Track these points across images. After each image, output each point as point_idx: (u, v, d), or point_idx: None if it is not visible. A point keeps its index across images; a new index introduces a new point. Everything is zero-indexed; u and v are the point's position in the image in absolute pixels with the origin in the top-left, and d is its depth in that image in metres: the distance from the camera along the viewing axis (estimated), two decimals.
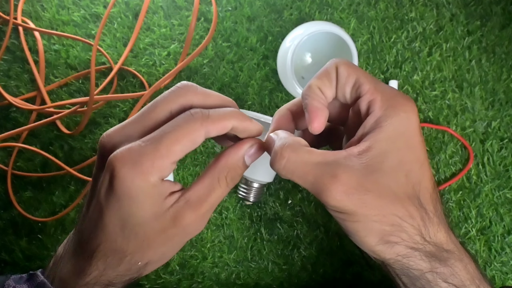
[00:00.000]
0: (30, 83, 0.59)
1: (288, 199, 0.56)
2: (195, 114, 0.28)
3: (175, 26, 0.60)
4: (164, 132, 0.27)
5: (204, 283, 0.55)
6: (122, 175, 0.26)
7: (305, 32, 0.50)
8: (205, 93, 0.30)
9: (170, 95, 0.29)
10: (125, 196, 0.27)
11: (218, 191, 0.30)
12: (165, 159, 0.27)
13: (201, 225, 0.30)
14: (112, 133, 0.29)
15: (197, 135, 0.28)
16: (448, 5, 0.60)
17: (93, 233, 0.29)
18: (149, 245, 0.30)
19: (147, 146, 0.27)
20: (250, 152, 0.30)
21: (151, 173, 0.27)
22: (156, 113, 0.29)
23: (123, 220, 0.28)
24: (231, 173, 0.30)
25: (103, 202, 0.28)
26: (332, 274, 0.55)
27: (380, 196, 0.28)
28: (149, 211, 0.28)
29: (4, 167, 0.56)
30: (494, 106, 0.58)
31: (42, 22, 0.60)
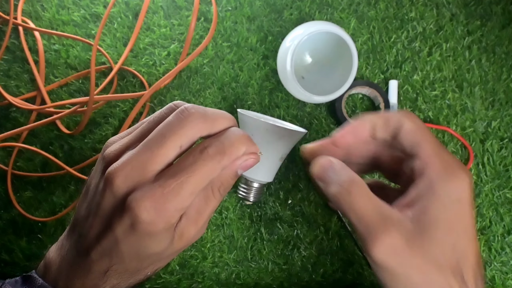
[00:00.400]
0: (30, 83, 0.59)
1: (288, 199, 0.56)
2: (213, 154, 0.28)
3: (175, 26, 0.60)
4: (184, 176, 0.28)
5: (204, 283, 0.55)
6: (145, 220, 0.27)
7: (305, 32, 0.50)
8: (212, 120, 0.30)
9: (179, 129, 0.28)
10: (146, 236, 0.28)
11: (213, 203, 0.31)
12: (187, 201, 0.28)
13: (202, 232, 0.33)
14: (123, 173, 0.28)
15: (215, 173, 0.29)
16: (448, 5, 0.60)
17: (107, 255, 0.30)
18: (160, 261, 0.33)
19: (170, 194, 0.27)
20: (244, 165, 0.31)
21: (174, 216, 0.28)
22: (166, 149, 0.28)
23: (140, 251, 0.29)
24: (224, 185, 0.31)
25: (120, 237, 0.29)
26: (332, 274, 0.55)
27: (425, 262, 0.28)
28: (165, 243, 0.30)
29: (4, 167, 0.56)
30: (494, 106, 0.58)
31: (42, 22, 0.60)
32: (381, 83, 0.59)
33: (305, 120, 0.58)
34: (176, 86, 0.58)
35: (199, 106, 0.30)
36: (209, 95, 0.58)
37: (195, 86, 0.58)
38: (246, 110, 0.55)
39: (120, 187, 0.28)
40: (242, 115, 0.50)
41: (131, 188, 0.28)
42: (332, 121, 0.58)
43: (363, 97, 0.59)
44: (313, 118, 0.58)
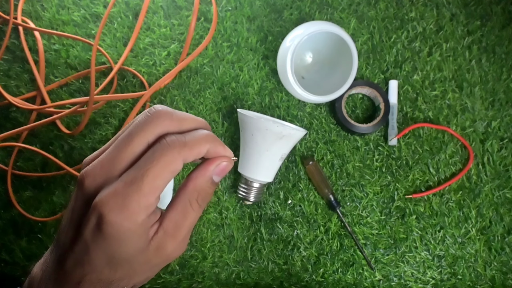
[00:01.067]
0: (30, 83, 0.59)
1: (288, 199, 0.56)
2: (172, 143, 0.28)
3: (175, 26, 0.60)
4: (143, 169, 0.27)
5: (204, 283, 0.55)
6: (110, 220, 0.27)
7: (305, 32, 0.50)
8: (180, 118, 0.30)
9: (146, 125, 0.29)
10: (113, 238, 0.27)
11: (192, 215, 0.30)
12: (149, 196, 0.27)
13: (183, 248, 0.31)
14: (92, 172, 0.28)
15: (176, 164, 0.28)
16: (448, 5, 0.60)
17: (79, 264, 0.29)
18: (135, 273, 0.31)
19: (131, 188, 0.27)
20: (217, 171, 0.30)
21: (139, 214, 0.27)
22: (133, 146, 0.28)
23: (110, 256, 0.28)
24: (201, 195, 0.30)
25: (90, 241, 0.28)
26: (332, 274, 0.55)
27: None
28: (135, 247, 0.29)
29: (4, 167, 0.56)
30: (494, 106, 0.58)
31: (42, 22, 0.60)
32: (381, 83, 0.59)
33: (305, 120, 0.58)
34: (176, 86, 0.58)
35: (169, 108, 0.30)
36: (209, 95, 0.58)
37: (195, 86, 0.58)
38: (246, 110, 0.55)
39: (89, 187, 0.28)
40: (242, 115, 0.50)
41: (99, 187, 0.28)
42: (332, 121, 0.58)
43: (363, 97, 0.59)
44: (313, 118, 0.58)
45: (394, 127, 0.57)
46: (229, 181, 0.56)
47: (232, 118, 0.58)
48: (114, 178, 0.28)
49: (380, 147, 0.57)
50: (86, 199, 0.28)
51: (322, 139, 0.57)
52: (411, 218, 0.56)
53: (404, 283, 0.55)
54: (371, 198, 0.56)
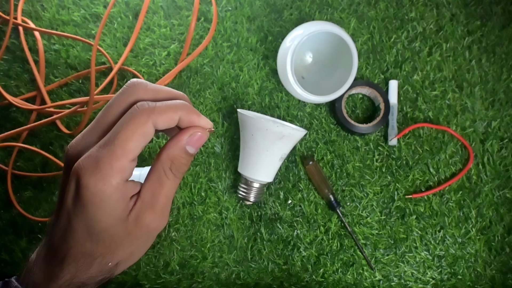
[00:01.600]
0: (30, 83, 0.59)
1: (288, 199, 0.56)
2: (141, 106, 0.28)
3: (175, 26, 0.60)
4: (115, 132, 0.28)
5: (204, 283, 0.55)
6: (85, 183, 0.27)
7: (305, 32, 0.50)
8: (155, 89, 0.30)
9: (121, 95, 0.30)
10: (90, 202, 0.28)
11: (167, 184, 0.30)
12: (122, 159, 0.28)
13: (163, 220, 0.31)
14: (75, 143, 0.30)
15: (146, 127, 0.28)
16: (448, 5, 0.60)
17: (63, 239, 0.30)
18: (117, 247, 0.31)
19: (103, 150, 0.28)
20: (191, 142, 0.30)
21: (112, 176, 0.27)
22: (109, 116, 0.29)
23: (90, 226, 0.29)
24: (175, 164, 0.30)
25: (71, 210, 0.29)
26: (332, 274, 0.55)
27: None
28: (113, 216, 0.29)
29: (4, 167, 0.56)
30: (494, 106, 0.58)
31: (42, 22, 0.60)
32: (381, 83, 0.59)
33: (305, 120, 0.58)
34: (176, 86, 0.58)
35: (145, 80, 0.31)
36: (209, 95, 0.58)
37: (195, 86, 0.58)
38: (246, 110, 0.55)
39: (71, 156, 0.29)
40: (242, 115, 0.50)
41: (79, 155, 0.29)
42: (332, 121, 0.58)
43: (363, 97, 0.59)
44: (313, 118, 0.58)
45: (394, 127, 0.57)
46: (229, 181, 0.57)
47: (232, 118, 0.58)
48: (92, 145, 0.29)
49: (380, 147, 0.57)
50: (68, 169, 0.29)
51: (322, 139, 0.57)
52: (411, 218, 0.56)
53: (404, 283, 0.55)
54: (371, 198, 0.56)
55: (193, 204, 0.56)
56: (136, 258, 0.33)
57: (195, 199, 0.56)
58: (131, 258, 0.33)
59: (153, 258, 0.55)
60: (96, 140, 0.29)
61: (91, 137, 0.29)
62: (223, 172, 0.56)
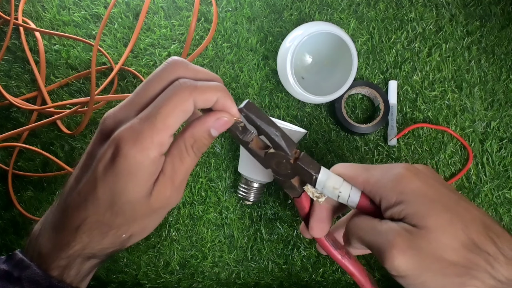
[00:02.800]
0: (31, 83, 0.59)
1: (288, 199, 0.56)
2: (183, 83, 0.29)
3: (176, 26, 0.60)
4: (157, 106, 0.28)
5: (204, 283, 0.55)
6: (125, 152, 0.27)
7: (305, 33, 0.50)
8: (195, 69, 0.31)
9: (162, 72, 0.30)
10: (125, 171, 0.28)
11: (187, 160, 0.31)
12: (162, 133, 0.28)
13: (179, 195, 0.32)
14: (113, 114, 0.30)
15: (187, 104, 0.29)
16: (447, 6, 0.61)
17: (82, 206, 0.29)
18: (135, 220, 0.31)
19: (144, 123, 0.28)
20: (216, 125, 0.31)
21: (151, 149, 0.28)
22: (149, 91, 0.30)
23: (116, 196, 0.29)
24: (197, 143, 0.31)
25: (100, 176, 0.29)
26: (332, 274, 0.55)
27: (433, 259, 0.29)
28: (143, 189, 0.29)
29: (5, 167, 0.56)
30: (493, 106, 0.58)
31: (42, 23, 0.60)
32: (381, 84, 0.59)
33: (305, 120, 0.58)
34: None
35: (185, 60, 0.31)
36: None
37: None
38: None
39: (108, 125, 0.30)
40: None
41: (118, 124, 0.29)
42: (332, 121, 0.58)
43: (363, 98, 0.59)
44: (313, 118, 0.58)
45: (394, 127, 0.57)
46: (229, 181, 0.57)
47: None
48: (131, 117, 0.29)
49: (379, 147, 0.57)
50: (104, 137, 0.30)
51: (322, 139, 0.58)
52: None
53: None
54: None
55: (193, 204, 0.56)
56: (148, 232, 0.34)
57: (195, 199, 0.56)
58: (144, 231, 0.33)
59: (153, 257, 0.55)
60: (135, 113, 0.29)
61: (129, 110, 0.30)
62: (223, 172, 0.57)
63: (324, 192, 0.35)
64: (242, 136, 0.33)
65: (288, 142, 0.33)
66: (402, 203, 0.31)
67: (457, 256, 0.29)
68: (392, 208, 0.32)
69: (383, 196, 0.33)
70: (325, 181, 0.34)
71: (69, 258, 0.30)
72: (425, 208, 0.31)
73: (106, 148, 0.29)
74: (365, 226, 0.33)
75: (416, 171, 0.33)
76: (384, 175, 0.33)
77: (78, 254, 0.30)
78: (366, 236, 0.33)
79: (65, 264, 0.30)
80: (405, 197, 0.31)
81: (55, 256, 0.30)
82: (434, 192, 0.32)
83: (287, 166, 0.35)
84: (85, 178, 0.30)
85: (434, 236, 0.30)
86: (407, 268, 0.30)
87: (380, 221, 0.33)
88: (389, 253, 0.30)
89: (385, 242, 0.30)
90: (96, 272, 0.54)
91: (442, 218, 0.30)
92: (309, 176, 0.34)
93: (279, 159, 0.34)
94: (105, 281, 0.54)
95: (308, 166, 0.34)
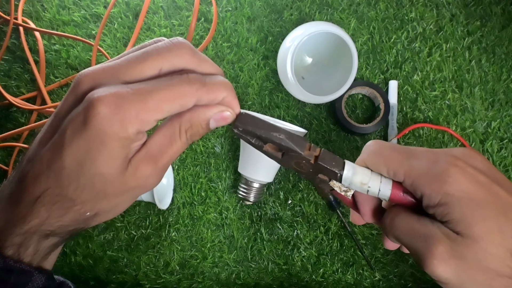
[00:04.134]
0: (31, 83, 0.59)
1: (288, 199, 0.56)
2: (193, 79, 0.26)
3: (176, 26, 0.60)
4: (156, 87, 0.25)
5: (204, 283, 0.55)
6: (101, 116, 0.24)
7: (305, 33, 0.50)
8: (200, 58, 0.28)
9: (165, 51, 0.27)
10: (96, 139, 0.24)
11: (177, 144, 0.28)
12: (150, 113, 0.25)
13: (158, 179, 0.29)
14: (92, 73, 0.26)
15: (188, 100, 0.26)
16: (448, 6, 0.60)
17: (43, 175, 0.26)
18: (105, 197, 0.27)
19: (135, 95, 0.25)
20: (218, 117, 0.28)
21: (132, 124, 0.25)
22: (145, 65, 0.26)
23: (84, 165, 0.25)
24: (192, 129, 0.28)
25: (67, 140, 0.25)
26: (332, 274, 0.55)
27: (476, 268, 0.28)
28: (116, 162, 0.26)
29: (4, 167, 0.56)
30: (494, 106, 0.58)
31: (42, 22, 0.60)
32: (381, 84, 0.59)
33: (305, 120, 0.58)
34: None
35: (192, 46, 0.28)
36: None
37: None
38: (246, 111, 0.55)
39: (84, 85, 0.26)
40: None
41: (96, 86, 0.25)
42: (332, 121, 0.58)
43: (363, 98, 0.59)
44: (313, 118, 0.58)
45: (394, 127, 0.57)
46: (229, 181, 0.57)
47: None
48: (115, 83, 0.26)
49: None
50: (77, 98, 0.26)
51: (322, 139, 0.57)
52: None
53: (404, 283, 0.55)
54: None
55: (193, 204, 0.56)
56: (117, 213, 0.30)
57: (195, 199, 0.56)
58: (112, 211, 0.29)
59: (153, 258, 0.55)
60: (120, 81, 0.26)
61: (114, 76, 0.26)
62: (223, 172, 0.57)
63: (352, 188, 0.33)
64: (254, 141, 0.31)
65: (296, 141, 0.31)
66: (446, 205, 0.29)
67: (504, 267, 0.28)
68: (435, 208, 0.29)
69: (425, 194, 0.30)
70: (351, 177, 0.32)
71: (25, 234, 0.27)
72: (471, 214, 0.28)
73: (80, 109, 0.25)
74: (402, 226, 0.31)
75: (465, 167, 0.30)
76: (429, 170, 0.30)
77: (34, 230, 0.27)
78: (404, 238, 0.31)
79: (20, 242, 0.27)
80: (451, 199, 0.29)
81: (8, 232, 0.26)
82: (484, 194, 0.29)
83: (307, 166, 0.32)
84: (50, 142, 0.26)
85: (480, 246, 0.28)
86: (449, 277, 0.28)
87: (419, 219, 0.30)
88: (429, 261, 0.28)
89: (425, 249, 0.28)
90: (96, 272, 0.54)
91: (490, 225, 0.28)
92: (333, 175, 0.32)
93: (297, 159, 0.32)
94: (105, 281, 0.54)
95: (331, 164, 0.31)
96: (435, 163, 0.30)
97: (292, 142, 0.31)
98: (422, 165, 0.30)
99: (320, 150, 0.32)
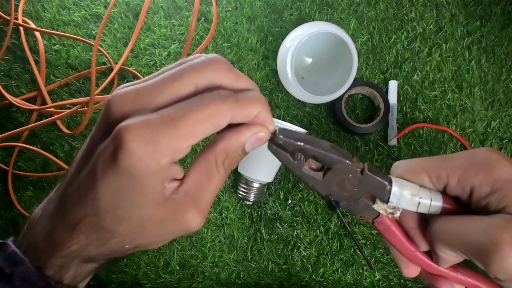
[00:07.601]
0: (31, 83, 0.59)
1: (288, 199, 0.56)
2: (225, 96, 0.25)
3: (176, 26, 0.60)
4: (187, 109, 0.24)
5: (204, 283, 0.55)
6: (130, 150, 0.23)
7: (305, 33, 0.50)
8: (237, 74, 0.27)
9: (201, 67, 0.25)
10: (127, 173, 0.23)
11: (217, 179, 0.26)
12: (183, 140, 0.23)
13: (203, 220, 0.27)
14: (125, 97, 0.25)
15: (222, 119, 0.24)
16: (448, 6, 0.60)
17: (82, 201, 0.25)
18: (144, 232, 0.26)
19: (166, 123, 0.23)
20: (252, 140, 0.26)
21: (164, 154, 0.23)
22: (180, 84, 0.25)
23: (119, 198, 0.24)
24: (229, 159, 0.26)
25: (99, 172, 0.24)
26: (332, 274, 0.55)
27: None
28: (149, 196, 0.25)
29: (4, 167, 0.56)
30: (493, 106, 0.58)
31: (42, 22, 0.60)
32: (381, 84, 0.59)
33: (305, 120, 0.58)
34: None
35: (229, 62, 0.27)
36: None
37: None
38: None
39: (115, 112, 0.24)
40: None
41: (127, 114, 0.24)
42: (332, 121, 0.58)
43: (363, 97, 0.59)
44: (313, 118, 0.58)
45: (394, 127, 0.57)
46: (229, 181, 0.57)
47: None
48: (148, 110, 0.24)
49: (380, 147, 0.57)
50: (108, 125, 0.25)
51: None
52: None
53: (404, 283, 0.55)
54: None
55: None
56: (156, 247, 0.29)
57: None
58: (151, 246, 0.28)
59: (153, 257, 0.55)
60: (154, 106, 0.24)
61: (148, 99, 0.24)
62: None
63: (400, 205, 0.30)
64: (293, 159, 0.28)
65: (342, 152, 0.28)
66: (500, 190, 0.27)
67: None
68: (489, 197, 0.28)
69: (475, 186, 0.28)
70: (400, 190, 0.29)
71: (66, 258, 0.26)
72: None
73: (109, 139, 0.24)
74: (454, 228, 0.28)
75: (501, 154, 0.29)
76: (471, 163, 0.29)
77: (74, 255, 0.26)
78: (459, 239, 0.28)
79: (61, 264, 0.27)
80: (503, 184, 0.27)
81: (50, 253, 0.26)
82: None
83: (353, 181, 0.30)
84: (85, 169, 0.25)
85: None
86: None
87: (471, 217, 0.28)
88: (496, 253, 0.25)
89: (488, 242, 0.26)
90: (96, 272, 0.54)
91: None
92: (381, 188, 0.29)
93: (342, 175, 0.29)
94: (105, 281, 0.54)
95: (380, 175, 0.29)
96: (474, 156, 0.29)
97: (339, 152, 0.29)
98: (461, 161, 0.29)
99: (363, 163, 0.30)
